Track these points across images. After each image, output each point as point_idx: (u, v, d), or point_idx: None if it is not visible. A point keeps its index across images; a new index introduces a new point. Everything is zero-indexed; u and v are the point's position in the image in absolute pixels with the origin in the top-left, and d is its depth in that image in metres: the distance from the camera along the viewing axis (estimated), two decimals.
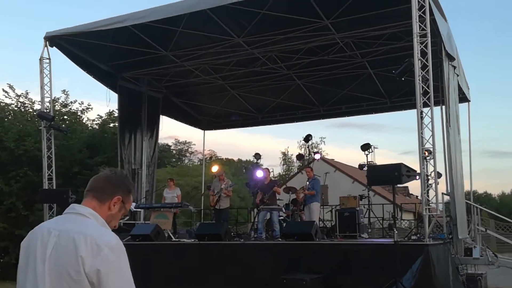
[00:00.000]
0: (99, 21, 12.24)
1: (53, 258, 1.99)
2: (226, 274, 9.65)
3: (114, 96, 15.36)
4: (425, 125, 9.24)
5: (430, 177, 9.23)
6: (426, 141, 9.21)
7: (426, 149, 9.27)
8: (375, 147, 15.13)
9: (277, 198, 12.32)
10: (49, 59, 12.90)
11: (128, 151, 15.51)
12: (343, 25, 12.18)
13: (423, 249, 8.30)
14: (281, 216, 12.68)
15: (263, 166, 14.98)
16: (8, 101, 18.91)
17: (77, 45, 13.23)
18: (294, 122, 18.74)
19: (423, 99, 9.19)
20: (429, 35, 9.25)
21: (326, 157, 41.29)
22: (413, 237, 9.93)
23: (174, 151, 42.97)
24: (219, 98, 17.58)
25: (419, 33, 9.30)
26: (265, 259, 9.55)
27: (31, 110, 19.08)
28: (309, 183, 12.34)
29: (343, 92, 16.29)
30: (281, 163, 56.18)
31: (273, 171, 15.21)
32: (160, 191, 14.65)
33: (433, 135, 9.22)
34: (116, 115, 17.80)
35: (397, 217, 13.83)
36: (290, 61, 14.47)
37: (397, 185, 12.11)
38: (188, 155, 47.65)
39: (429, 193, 9.23)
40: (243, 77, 15.85)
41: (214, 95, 17.48)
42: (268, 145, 69.89)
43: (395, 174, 9.33)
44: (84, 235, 1.97)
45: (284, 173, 53.35)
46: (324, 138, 53.15)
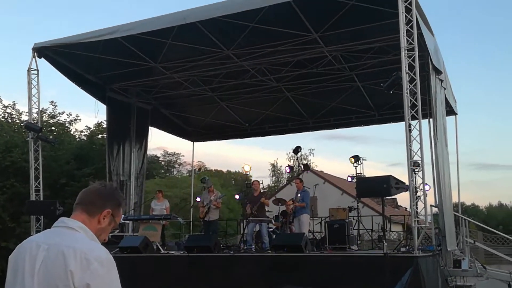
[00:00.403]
0: (88, 33, 12.22)
1: (42, 272, 1.97)
2: (215, 286, 9.57)
3: (102, 107, 15.34)
4: (413, 138, 9.32)
5: (418, 189, 9.30)
6: (414, 153, 9.28)
7: (414, 161, 9.35)
8: (363, 159, 15.21)
9: (267, 210, 12.29)
10: (37, 70, 12.85)
11: (116, 162, 15.41)
12: (331, 38, 12.31)
13: (412, 261, 8.32)
14: (271, 228, 12.65)
15: (252, 178, 14.95)
16: None
17: (65, 56, 13.18)
18: (283, 134, 18.84)
19: (411, 112, 9.28)
20: (416, 49, 9.37)
21: (315, 168, 41.36)
22: (402, 249, 9.95)
23: (162, 162, 42.80)
24: (208, 109, 17.59)
25: (407, 47, 9.42)
26: (254, 271, 9.51)
27: (18, 121, 18.97)
28: (299, 195, 12.34)
29: (332, 104, 16.40)
30: (270, 174, 56.21)
31: (262, 183, 15.21)
32: (148, 203, 14.55)
33: (421, 147, 9.31)
34: (104, 126, 17.74)
35: (386, 229, 13.86)
36: (279, 73, 14.54)
37: (387, 197, 12.16)
38: (177, 166, 47.50)
39: (418, 205, 9.29)
40: (232, 89, 15.89)
41: (203, 107, 17.48)
42: (257, 156, 70.01)
43: (384, 186, 9.38)
44: (73, 249, 1.96)
45: (273, 185, 53.32)
46: (313, 149, 53.11)
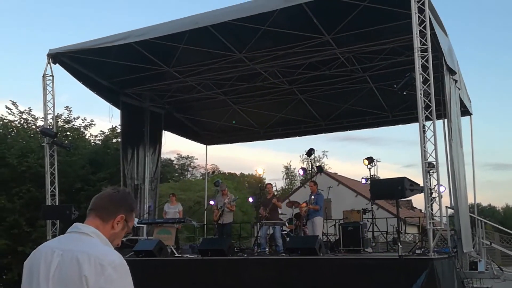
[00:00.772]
0: (102, 38, 12.35)
1: (57, 277, 1.99)
2: None
3: (116, 112, 15.43)
4: (427, 139, 9.24)
5: (433, 191, 9.21)
6: (429, 154, 9.20)
7: (429, 162, 9.26)
8: (378, 161, 15.09)
9: (280, 212, 12.25)
10: (52, 76, 13.02)
11: (130, 166, 15.53)
12: (343, 40, 12.26)
13: (427, 263, 8.23)
14: (285, 230, 12.62)
15: (266, 181, 14.93)
16: (11, 117, 19.05)
17: (79, 62, 13.33)
18: (296, 136, 18.77)
19: (425, 113, 9.21)
20: (430, 49, 9.30)
21: (328, 170, 41.20)
22: (417, 251, 9.86)
23: (176, 166, 42.98)
24: (221, 113, 17.63)
25: (420, 47, 9.35)
26: (268, 274, 9.49)
27: (34, 126, 19.18)
28: (313, 197, 12.30)
29: (345, 106, 16.33)
30: (283, 177, 56.15)
31: (276, 185, 15.16)
32: (162, 206, 14.64)
33: (435, 148, 9.22)
34: (118, 131, 17.87)
35: (401, 231, 13.75)
36: (291, 76, 14.53)
37: (401, 199, 12.07)
38: (190, 169, 47.67)
39: (433, 207, 9.20)
40: (245, 92, 15.92)
41: (216, 110, 17.53)
42: (270, 159, 69.84)
43: (398, 188, 9.31)
44: (88, 255, 1.98)
45: (287, 187, 53.23)
46: (326, 151, 53.03)
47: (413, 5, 9.30)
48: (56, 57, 12.95)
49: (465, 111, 13.77)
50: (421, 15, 9.33)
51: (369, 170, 14.50)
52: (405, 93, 10.12)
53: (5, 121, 19.01)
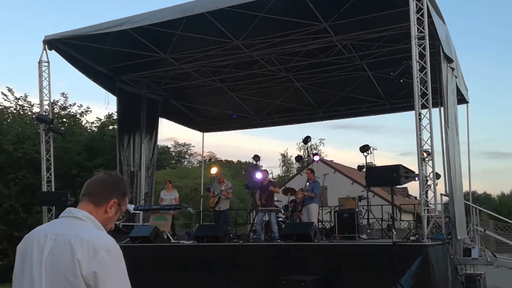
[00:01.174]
0: (98, 25, 12.26)
1: (50, 261, 2.00)
2: (225, 275, 9.66)
3: (113, 98, 15.38)
4: (423, 127, 9.27)
5: (428, 178, 9.26)
6: (424, 142, 9.23)
7: (424, 150, 9.30)
8: (374, 149, 15.13)
9: (276, 199, 12.29)
10: (48, 62, 12.93)
11: (127, 153, 15.52)
12: (341, 27, 12.21)
13: (421, 250, 8.31)
14: (280, 217, 12.69)
15: (262, 167, 14.98)
16: (7, 104, 18.97)
17: (75, 48, 13.24)
18: (293, 124, 18.80)
19: (421, 100, 9.22)
20: (427, 37, 9.28)
21: (325, 158, 41.27)
22: (411, 238, 9.91)
23: (173, 153, 43.04)
24: (218, 100, 17.60)
25: (417, 35, 9.33)
26: (264, 260, 9.56)
27: (30, 113, 19.10)
28: (309, 184, 12.35)
29: (342, 94, 16.33)
30: (280, 164, 56.29)
31: (272, 173, 15.21)
32: (159, 193, 14.68)
33: (431, 136, 9.26)
34: (115, 117, 17.82)
35: (396, 218, 13.84)
36: (288, 63, 14.49)
37: (396, 186, 12.13)
38: (187, 157, 47.76)
39: (427, 194, 9.26)
40: (242, 80, 15.88)
41: (213, 97, 17.50)
42: (267, 146, 70.02)
43: (393, 175, 9.38)
44: (80, 239, 1.98)
45: (283, 175, 53.40)
46: (323, 139, 53.04)
47: None
48: (51, 43, 12.86)
49: (462, 99, 13.78)
50: (418, 3, 9.29)
51: (365, 158, 14.56)
52: (402, 81, 10.11)
53: (0, 107, 18.94)
